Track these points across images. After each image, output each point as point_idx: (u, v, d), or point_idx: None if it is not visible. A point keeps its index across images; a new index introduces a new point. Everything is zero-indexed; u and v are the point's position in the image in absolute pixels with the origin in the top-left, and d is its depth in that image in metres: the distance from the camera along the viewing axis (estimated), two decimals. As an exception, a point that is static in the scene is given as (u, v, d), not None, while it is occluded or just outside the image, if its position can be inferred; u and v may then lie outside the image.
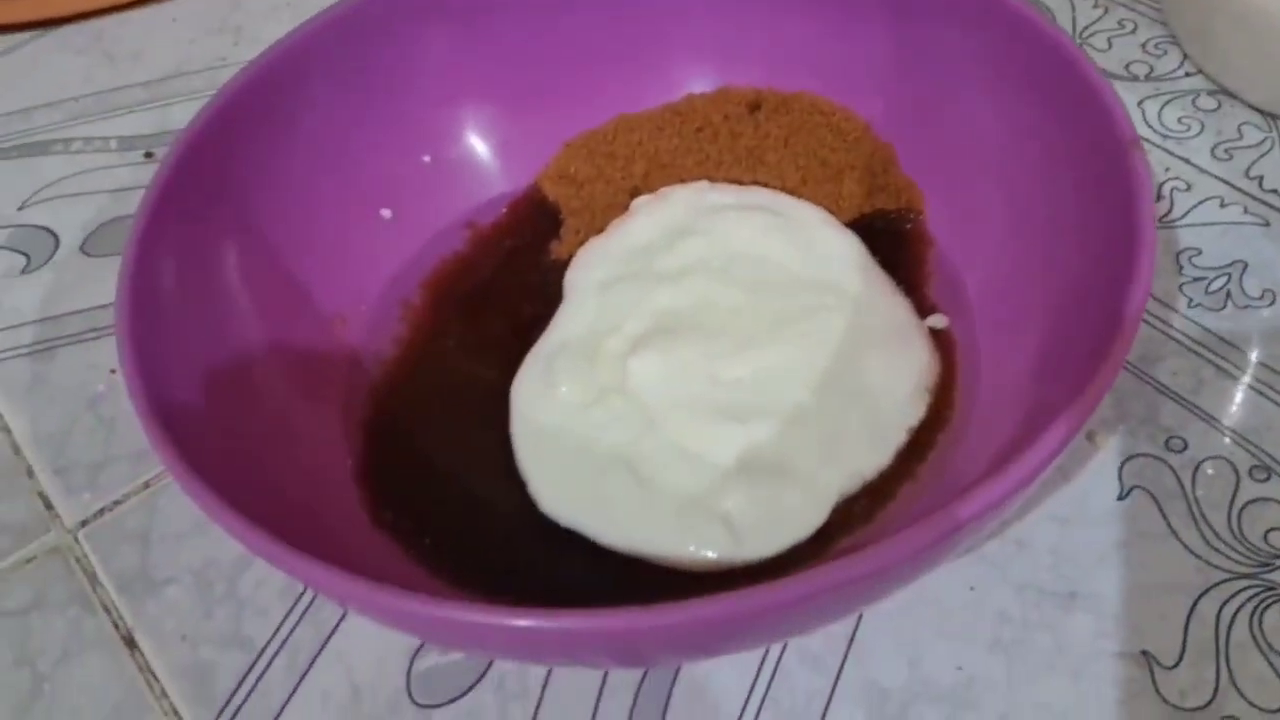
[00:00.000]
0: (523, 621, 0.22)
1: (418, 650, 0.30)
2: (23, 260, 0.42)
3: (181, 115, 0.46)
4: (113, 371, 0.38)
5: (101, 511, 0.34)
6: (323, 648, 0.31)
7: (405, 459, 0.32)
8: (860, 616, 0.30)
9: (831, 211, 0.36)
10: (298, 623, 0.31)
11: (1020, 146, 0.32)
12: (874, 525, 0.29)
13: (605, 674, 0.30)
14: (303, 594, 0.32)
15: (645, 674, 0.30)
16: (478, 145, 0.39)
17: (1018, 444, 0.27)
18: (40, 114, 0.47)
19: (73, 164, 0.45)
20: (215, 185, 0.32)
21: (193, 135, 0.32)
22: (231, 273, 0.32)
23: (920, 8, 0.34)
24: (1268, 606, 0.29)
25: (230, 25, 0.50)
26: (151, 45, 0.50)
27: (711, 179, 0.38)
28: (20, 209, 0.44)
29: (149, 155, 0.45)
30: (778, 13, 0.37)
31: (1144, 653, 0.29)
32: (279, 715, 0.30)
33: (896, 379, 0.31)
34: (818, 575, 0.22)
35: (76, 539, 0.34)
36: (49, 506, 0.35)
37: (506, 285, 0.37)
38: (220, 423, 0.28)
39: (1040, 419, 0.26)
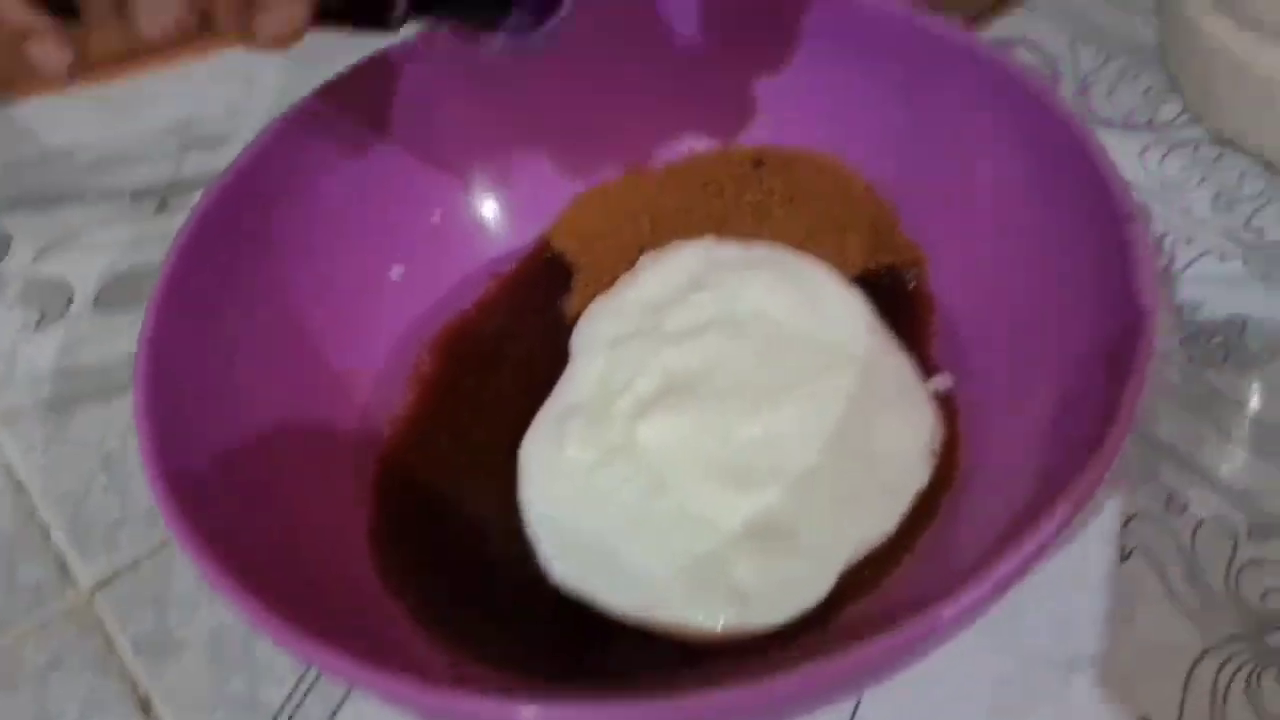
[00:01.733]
0: (522, 712, 0.22)
1: None
2: (37, 315, 0.42)
3: (196, 163, 0.47)
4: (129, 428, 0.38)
5: (117, 574, 0.35)
6: (334, 716, 0.31)
7: (416, 522, 0.33)
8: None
9: (836, 267, 0.36)
10: (309, 689, 0.32)
11: (1024, 213, 0.33)
12: (879, 593, 0.30)
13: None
14: (316, 657, 0.32)
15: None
16: (486, 203, 0.39)
17: (1022, 517, 0.27)
18: (59, 163, 0.48)
19: (88, 214, 0.46)
20: (232, 245, 0.33)
21: (211, 198, 0.33)
22: (246, 332, 0.33)
23: (924, 76, 0.35)
24: (1264, 670, 0.29)
25: (241, 72, 0.51)
26: (166, 95, 0.50)
27: (718, 234, 0.38)
28: (35, 260, 0.44)
29: (162, 206, 0.45)
30: (780, 75, 0.38)
31: (1143, 718, 0.29)
32: (294, 781, 0.30)
33: (903, 441, 0.32)
34: (815, 669, 0.22)
35: (92, 602, 0.34)
36: (64, 570, 0.35)
37: (517, 343, 0.37)
38: (233, 484, 0.29)
39: (1043, 495, 0.26)
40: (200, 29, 0.26)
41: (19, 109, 0.51)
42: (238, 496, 0.29)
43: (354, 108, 0.37)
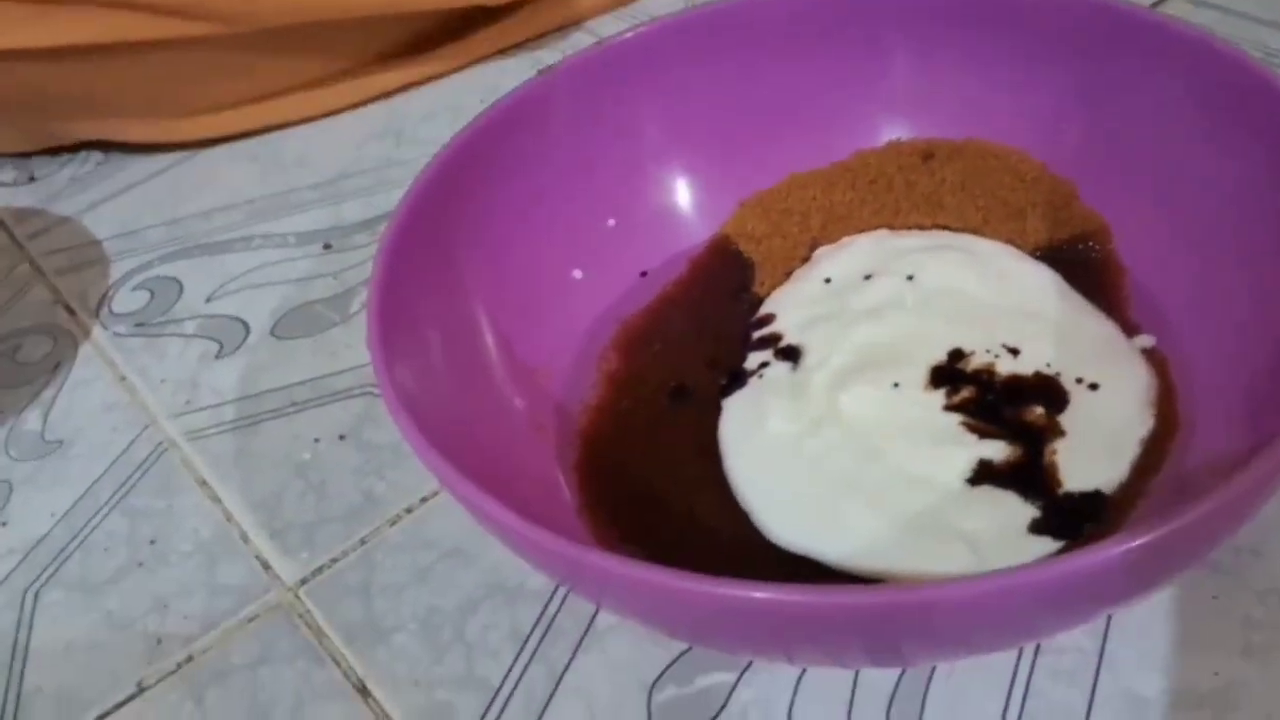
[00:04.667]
0: (796, 597, 0.22)
1: (655, 681, 0.30)
2: (216, 346, 0.43)
3: (353, 211, 0.48)
4: (316, 440, 0.39)
5: (320, 569, 0.35)
6: (558, 684, 0.31)
7: (625, 496, 0.33)
8: (1106, 633, 0.30)
9: (1017, 246, 0.37)
10: (529, 661, 0.31)
11: (1214, 173, 0.33)
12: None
13: (851, 703, 0.29)
14: (530, 634, 0.32)
15: (892, 700, 0.29)
16: (657, 208, 0.40)
17: (1254, 450, 0.27)
18: (219, 216, 0.50)
19: (254, 259, 0.47)
20: (437, 241, 0.34)
21: (418, 193, 0.33)
22: (454, 323, 0.34)
23: (1094, 50, 0.36)
24: None
25: (391, 130, 0.53)
26: (317, 151, 0.52)
27: (891, 227, 0.39)
28: (208, 301, 0.45)
29: (328, 247, 0.47)
30: (947, 68, 0.39)
31: None
32: (524, 751, 0.30)
33: (1120, 394, 0.32)
34: (1074, 559, 0.22)
35: (298, 596, 0.34)
36: (267, 567, 0.35)
37: (696, 334, 0.37)
38: (467, 454, 0.29)
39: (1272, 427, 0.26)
40: None
41: (176, 171, 0.53)
42: (474, 465, 0.30)
43: (529, 123, 0.38)
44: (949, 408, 0.32)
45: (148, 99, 0.51)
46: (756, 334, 0.36)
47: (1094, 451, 0.30)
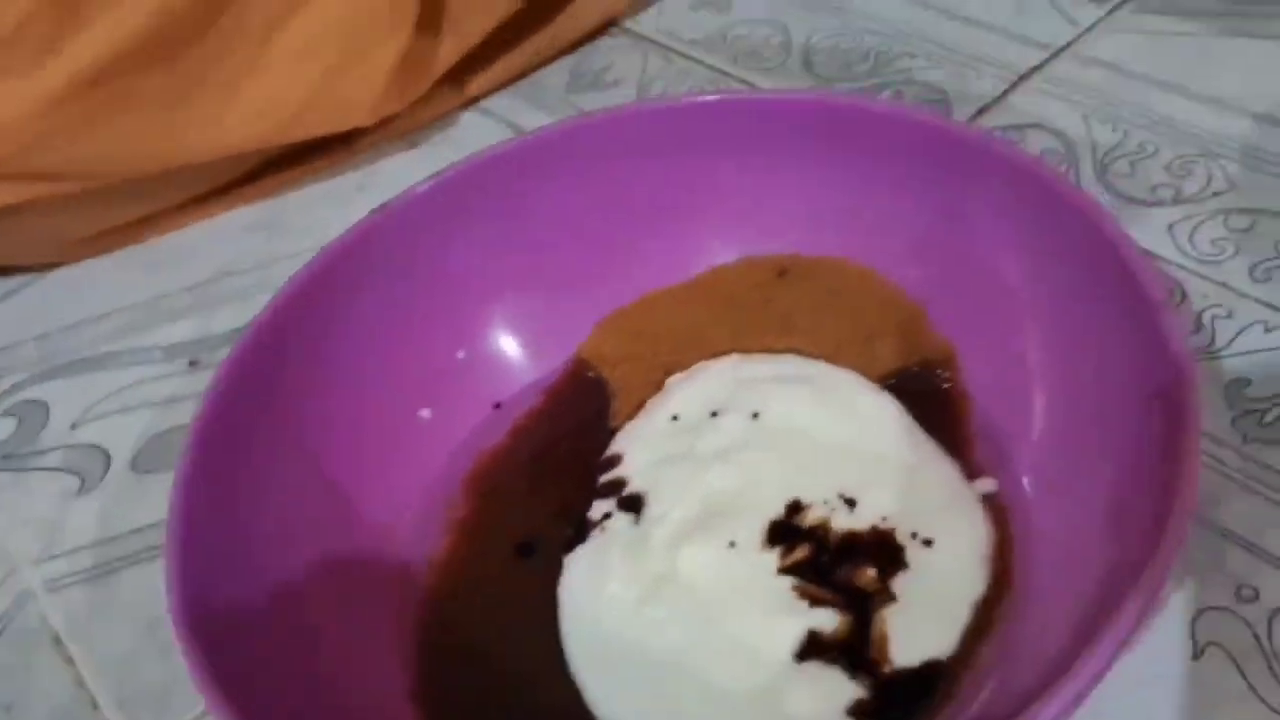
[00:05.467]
0: None
1: None
2: (77, 482, 0.42)
3: (224, 319, 0.47)
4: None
5: (168, 742, 0.34)
6: None
7: (461, 675, 0.32)
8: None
9: (866, 374, 0.36)
10: None
11: (1054, 306, 0.32)
12: (944, 717, 0.28)
13: None
14: (369, 820, 0.31)
15: None
16: (508, 336, 0.39)
17: (1090, 619, 0.26)
18: (89, 328, 0.49)
19: (121, 378, 0.46)
20: (263, 398, 0.33)
21: (241, 350, 0.33)
22: (280, 489, 0.33)
23: (945, 178, 0.35)
24: (1364, 767, 0.28)
25: (266, 220, 0.52)
26: (191, 248, 0.51)
27: (744, 349, 0.38)
28: (73, 428, 0.45)
29: (193, 364, 0.46)
30: (800, 186, 0.38)
31: (1239, 829, 0.27)
32: None
33: (956, 550, 0.31)
34: None
35: (143, 775, 0.34)
36: (114, 740, 0.35)
37: (548, 474, 0.37)
38: (275, 651, 0.29)
39: (1110, 592, 0.26)
40: None
41: (50, 278, 0.52)
42: (275, 660, 0.29)
43: (368, 259, 0.37)
44: (783, 569, 0.31)
45: (12, 249, 0.50)
46: (603, 478, 0.36)
47: (924, 619, 0.30)
